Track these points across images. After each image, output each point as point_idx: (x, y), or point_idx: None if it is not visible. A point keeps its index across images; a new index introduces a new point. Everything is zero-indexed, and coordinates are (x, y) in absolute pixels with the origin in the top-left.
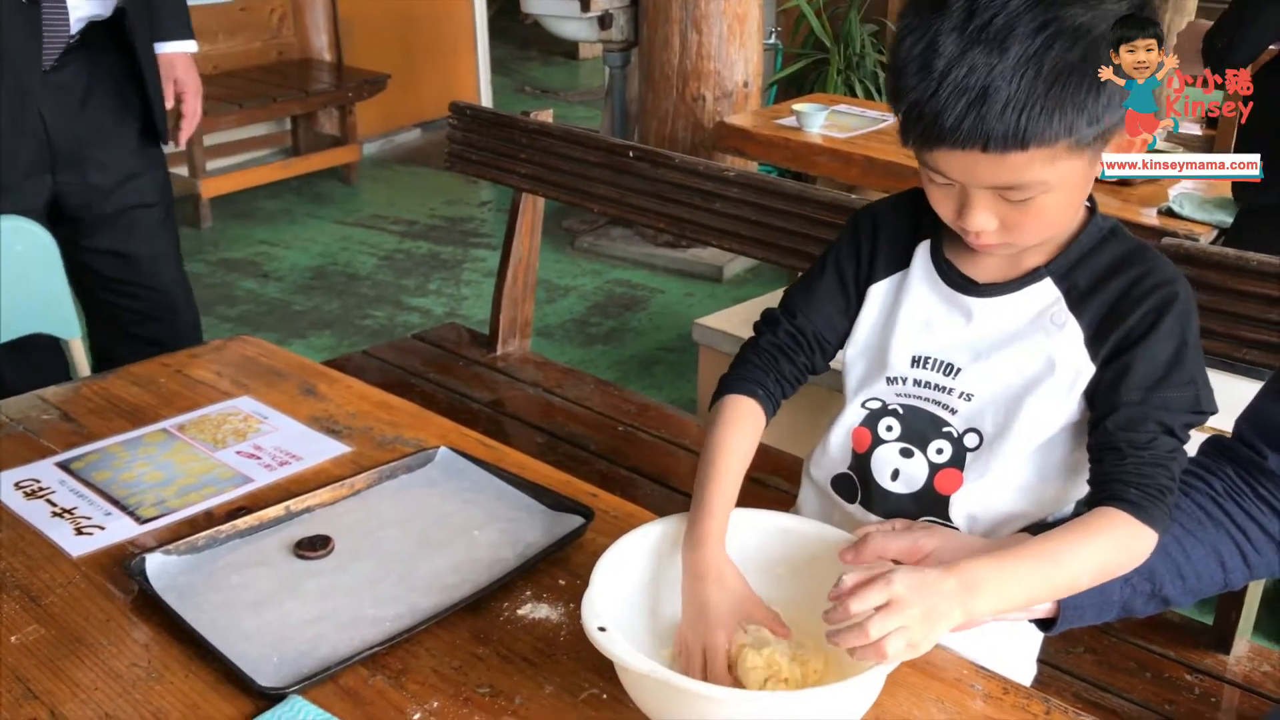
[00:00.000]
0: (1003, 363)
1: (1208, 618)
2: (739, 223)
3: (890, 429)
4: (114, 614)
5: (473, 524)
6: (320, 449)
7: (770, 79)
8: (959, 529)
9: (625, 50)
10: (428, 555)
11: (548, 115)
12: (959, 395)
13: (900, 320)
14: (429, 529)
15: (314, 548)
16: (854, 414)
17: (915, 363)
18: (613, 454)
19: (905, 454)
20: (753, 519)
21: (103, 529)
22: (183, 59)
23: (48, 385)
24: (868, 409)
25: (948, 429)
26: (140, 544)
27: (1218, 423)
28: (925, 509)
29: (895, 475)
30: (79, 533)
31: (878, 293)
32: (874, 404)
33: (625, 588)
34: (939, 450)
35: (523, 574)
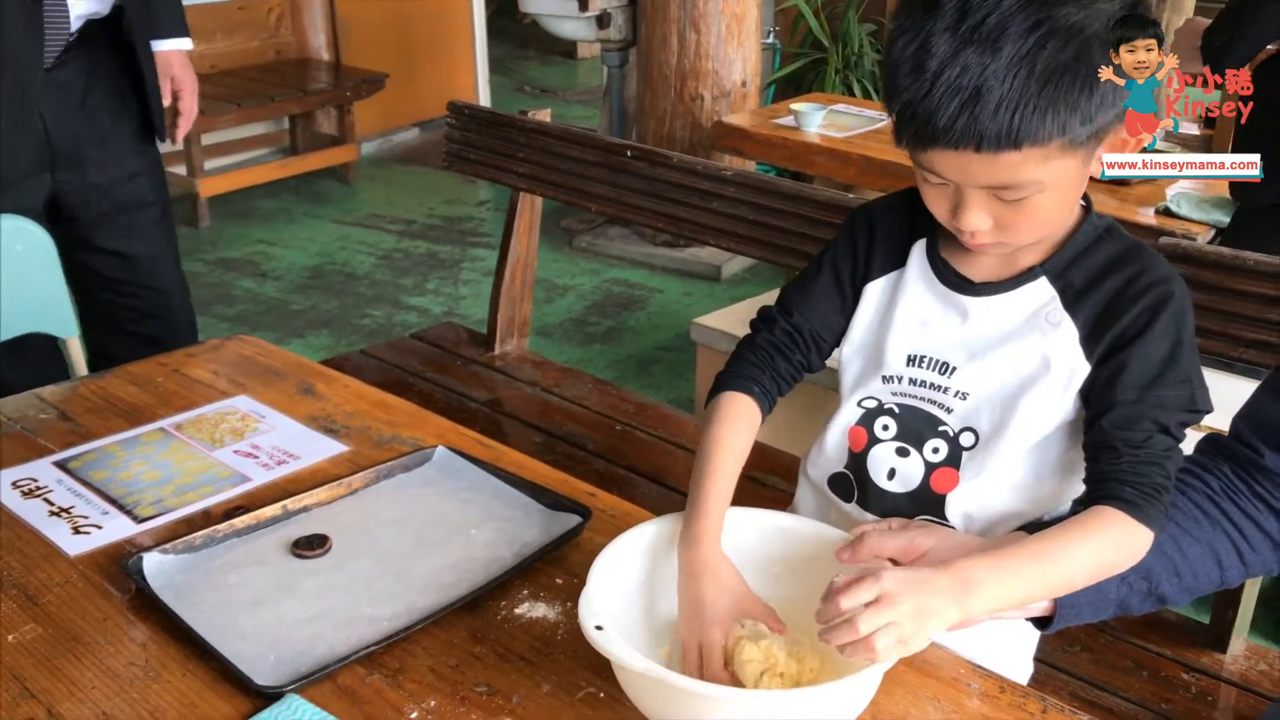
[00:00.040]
0: (998, 362)
1: (1204, 616)
2: (736, 222)
3: (886, 428)
4: (111, 613)
5: (470, 523)
6: (318, 448)
7: (768, 78)
8: (955, 528)
9: (623, 50)
10: (425, 554)
11: (545, 115)
12: (955, 394)
13: (896, 319)
14: (426, 528)
15: (311, 547)
16: (850, 413)
17: (911, 361)
18: (610, 453)
19: (901, 453)
20: (750, 518)
21: (100, 528)
22: (179, 57)
23: (46, 384)
24: (864, 408)
25: (943, 428)
26: (138, 543)
27: (1216, 422)
28: (921, 508)
29: (891, 474)
30: (76, 532)
31: (874, 291)
32: (870, 403)
33: (622, 586)
34: (935, 449)
35: (520, 573)
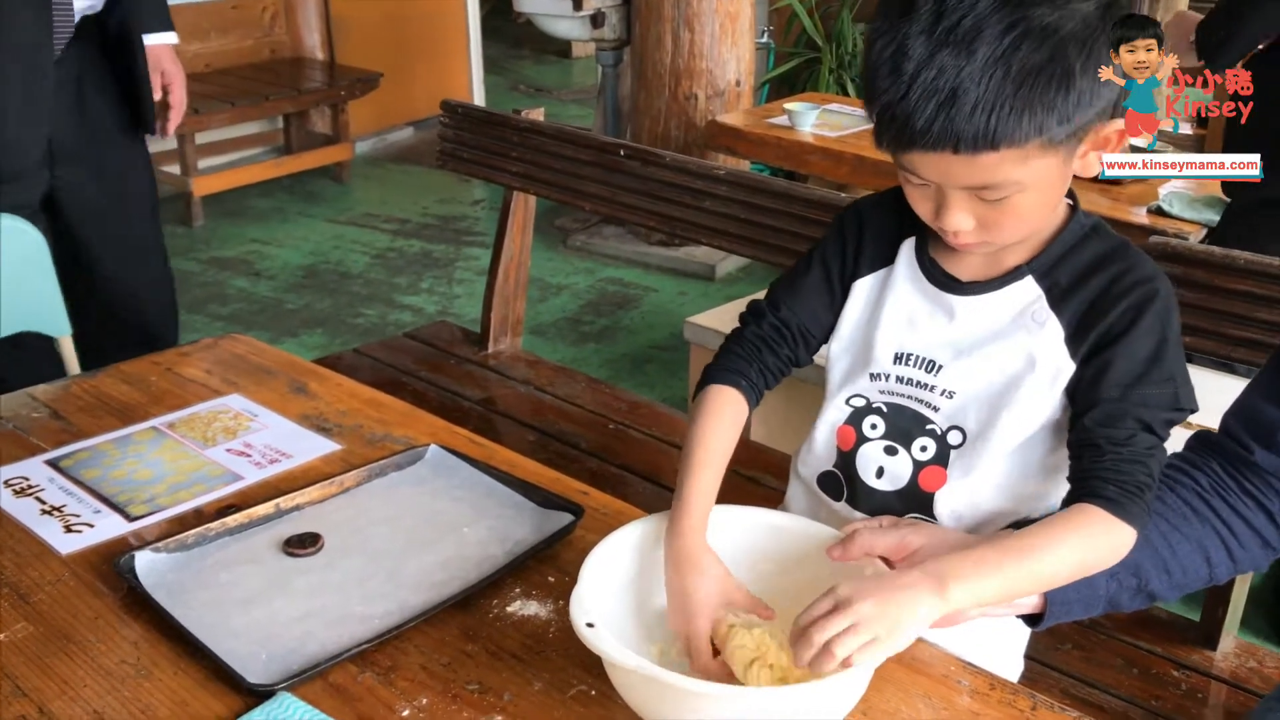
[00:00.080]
0: (984, 361)
1: (1195, 614)
2: (729, 221)
3: (875, 427)
4: (103, 611)
5: (462, 521)
6: (310, 447)
7: (762, 78)
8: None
9: (618, 49)
10: (417, 552)
11: (539, 114)
12: (941, 392)
13: (884, 316)
14: (418, 526)
15: (303, 545)
16: (838, 411)
17: (898, 359)
18: (604, 452)
19: (889, 451)
20: (741, 516)
21: (92, 527)
22: (167, 51)
23: (43, 383)
24: (852, 406)
25: (931, 426)
26: (130, 541)
27: (1207, 421)
28: (910, 506)
29: (880, 473)
30: (68, 530)
31: (862, 288)
32: (858, 401)
33: (613, 584)
34: (923, 447)
35: (512, 571)
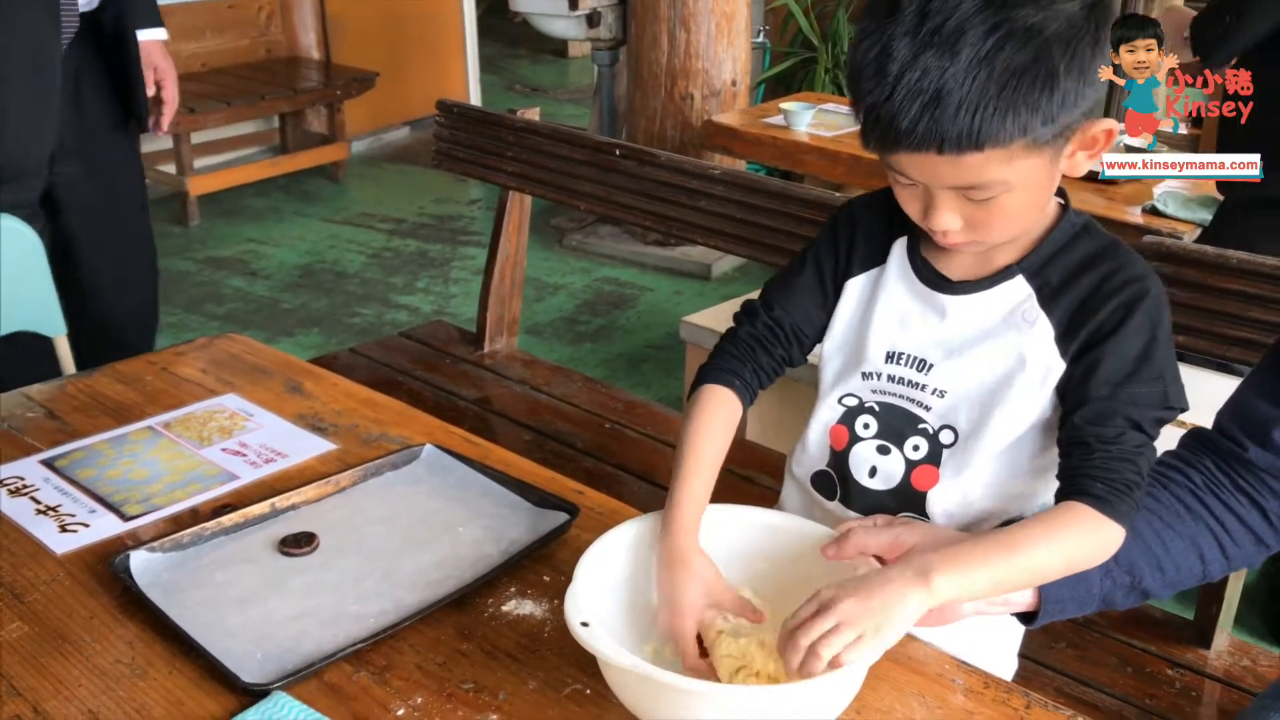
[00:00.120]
0: (975, 360)
1: (1189, 612)
2: (724, 220)
3: (867, 426)
4: (98, 611)
5: (457, 521)
6: (306, 446)
7: (758, 78)
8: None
9: (614, 49)
10: (412, 552)
11: (534, 113)
12: (932, 392)
13: (876, 316)
14: (414, 526)
15: (299, 545)
16: (831, 411)
17: (890, 358)
18: (599, 451)
19: (882, 451)
20: (736, 515)
21: (87, 526)
22: (157, 46)
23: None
24: (845, 405)
25: (923, 425)
26: (125, 541)
27: (1200, 420)
28: (903, 505)
29: (873, 472)
30: (63, 530)
31: (854, 288)
32: (850, 400)
33: (608, 583)
34: (915, 447)
35: (507, 570)
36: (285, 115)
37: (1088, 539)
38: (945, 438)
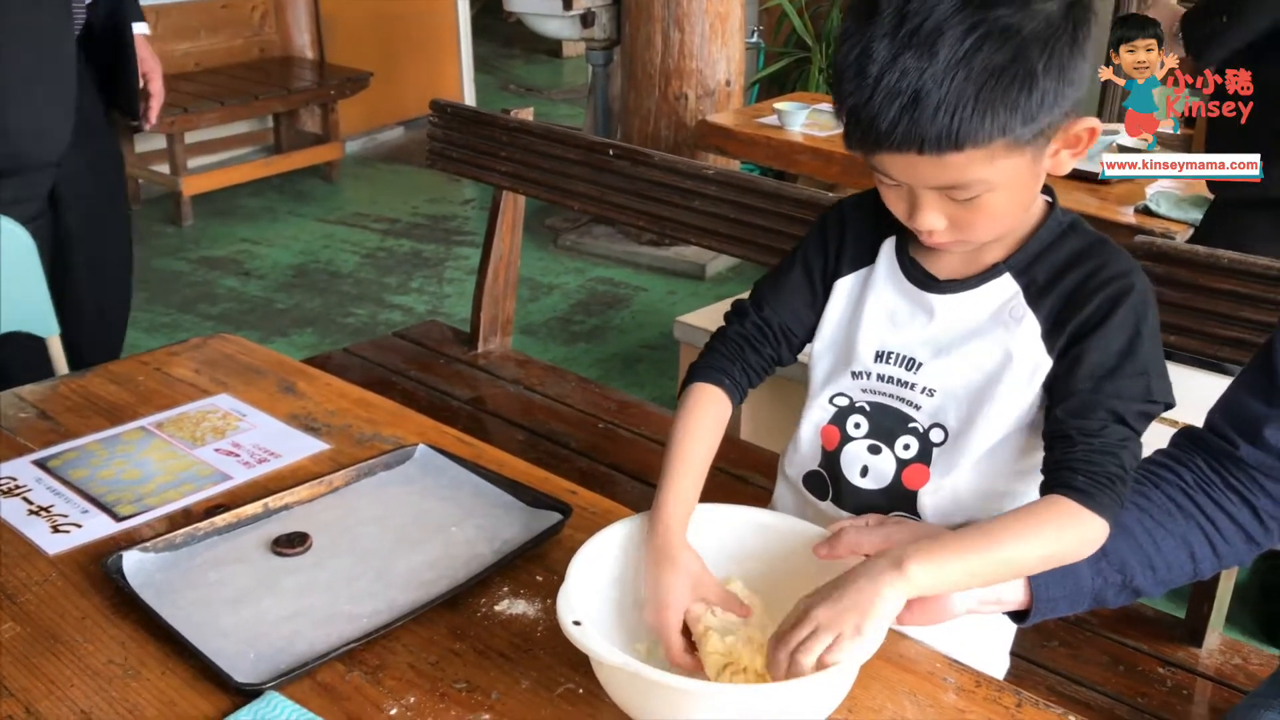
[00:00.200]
0: (963, 358)
1: (1180, 611)
2: (718, 220)
3: (858, 426)
4: (90, 611)
5: (450, 521)
6: (299, 446)
7: (752, 78)
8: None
9: (608, 48)
10: (405, 552)
11: (528, 113)
12: (922, 390)
13: (865, 315)
14: (407, 526)
15: (292, 545)
16: (822, 411)
17: (879, 358)
18: (593, 451)
19: (873, 450)
20: (729, 515)
21: (80, 527)
22: (143, 41)
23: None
24: (835, 405)
25: (913, 424)
26: (117, 541)
27: (1192, 419)
28: (895, 504)
29: (864, 472)
30: (56, 530)
31: (843, 288)
32: (841, 400)
33: (601, 582)
34: (906, 446)
35: (500, 570)
36: (279, 115)
37: (1069, 532)
38: (935, 436)
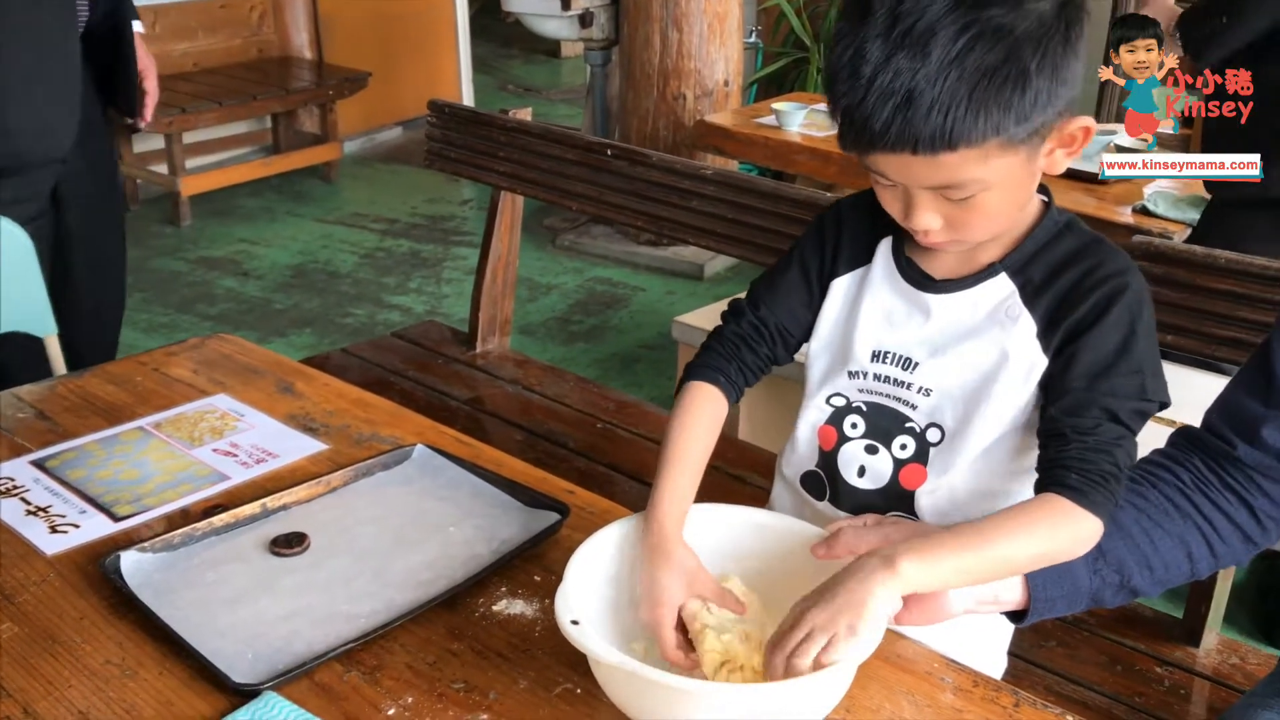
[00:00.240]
0: (959, 358)
1: (1178, 611)
2: (716, 221)
3: (855, 426)
4: (88, 611)
5: (449, 521)
6: (297, 446)
7: (750, 78)
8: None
9: (606, 49)
10: (403, 552)
11: (526, 113)
12: (918, 390)
13: (862, 315)
14: (405, 526)
15: (290, 545)
16: (819, 412)
17: (875, 357)
18: (591, 451)
19: (870, 450)
20: (726, 514)
21: (78, 527)
22: (138, 39)
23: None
24: (833, 406)
25: (910, 424)
26: (115, 542)
27: (1190, 419)
28: (892, 504)
29: (861, 472)
30: (53, 531)
31: (840, 287)
32: (838, 400)
33: (599, 582)
34: (903, 446)
35: (498, 570)
36: (277, 115)
37: (1062, 530)
38: (932, 436)
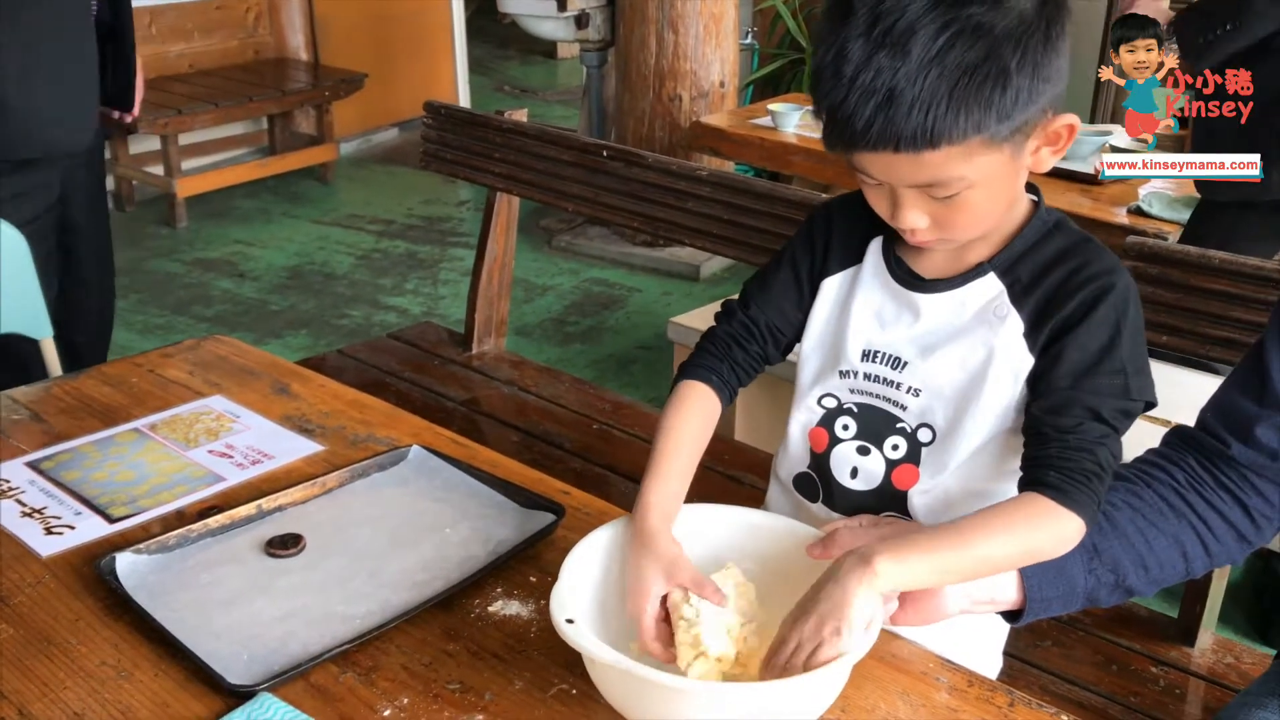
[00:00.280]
0: (947, 357)
1: (1173, 610)
2: (711, 221)
3: (846, 428)
4: (83, 613)
5: (444, 522)
6: (292, 448)
7: (746, 79)
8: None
9: (602, 50)
10: (399, 553)
11: (522, 115)
12: (908, 390)
13: (853, 314)
14: (400, 527)
15: (285, 546)
16: (810, 413)
17: (866, 356)
18: (587, 452)
19: (862, 451)
20: (722, 515)
21: (73, 528)
22: None
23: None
24: (824, 407)
25: (901, 424)
26: (111, 543)
27: (1185, 419)
28: (885, 505)
29: (854, 473)
30: (49, 532)
31: (831, 287)
32: (829, 401)
33: (593, 582)
34: (894, 446)
35: (494, 571)
36: (274, 116)
37: (1043, 530)
38: (923, 436)
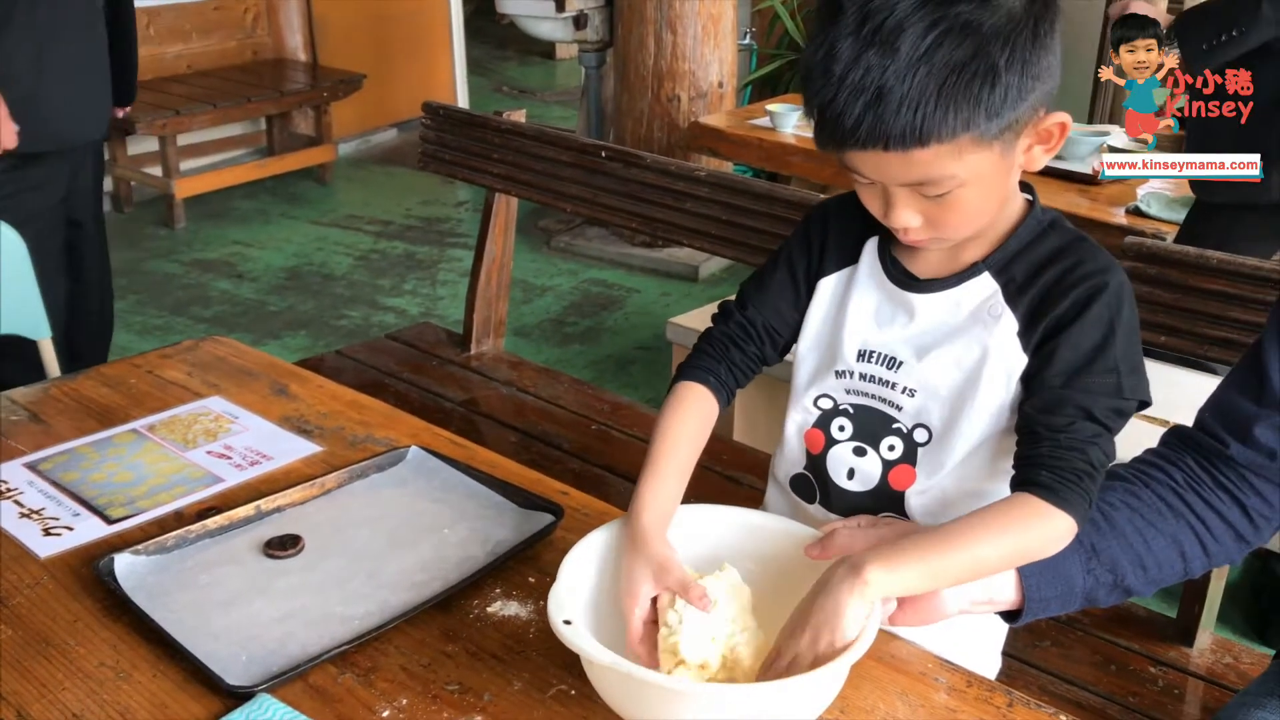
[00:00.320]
0: (943, 357)
1: (1172, 610)
2: (710, 222)
3: (843, 429)
4: (82, 614)
5: (443, 522)
6: (291, 448)
7: (744, 79)
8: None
9: (601, 50)
10: (398, 554)
11: (520, 115)
12: (903, 390)
13: (849, 314)
14: (399, 528)
15: (284, 547)
16: (806, 415)
17: (862, 356)
18: (586, 452)
19: (859, 452)
20: (720, 515)
21: (71, 530)
22: None
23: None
24: (819, 408)
25: (897, 425)
26: (109, 544)
27: (1183, 419)
28: (882, 505)
29: (851, 474)
30: (47, 533)
31: (827, 287)
32: (825, 403)
33: (591, 583)
34: (891, 447)
35: (492, 572)
36: (272, 117)
37: (1034, 530)
38: (920, 436)
